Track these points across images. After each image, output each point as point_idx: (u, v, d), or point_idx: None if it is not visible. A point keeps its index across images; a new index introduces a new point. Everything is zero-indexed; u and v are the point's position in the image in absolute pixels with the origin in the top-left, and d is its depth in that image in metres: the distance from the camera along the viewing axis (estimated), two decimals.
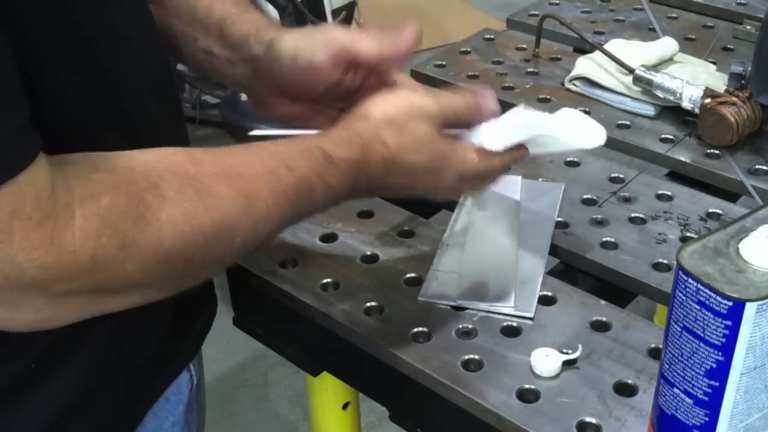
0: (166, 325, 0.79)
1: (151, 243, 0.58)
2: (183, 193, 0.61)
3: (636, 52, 1.26)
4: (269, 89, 0.87)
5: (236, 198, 0.64)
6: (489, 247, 0.96)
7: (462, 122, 0.80)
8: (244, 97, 1.93)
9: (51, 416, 0.70)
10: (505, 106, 1.27)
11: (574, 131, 0.85)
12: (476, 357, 0.82)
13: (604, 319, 0.86)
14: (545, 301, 0.89)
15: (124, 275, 0.58)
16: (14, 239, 0.52)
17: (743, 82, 1.12)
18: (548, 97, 1.26)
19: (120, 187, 0.57)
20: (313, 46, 0.82)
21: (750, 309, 0.58)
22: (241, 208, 0.64)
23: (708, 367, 0.62)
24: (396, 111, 0.76)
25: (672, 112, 1.20)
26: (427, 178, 0.77)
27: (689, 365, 0.63)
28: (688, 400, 0.65)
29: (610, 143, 1.17)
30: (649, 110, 1.21)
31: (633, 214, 1.01)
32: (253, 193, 0.65)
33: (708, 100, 1.12)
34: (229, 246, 0.65)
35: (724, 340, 0.60)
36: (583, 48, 1.38)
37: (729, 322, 0.59)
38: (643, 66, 1.20)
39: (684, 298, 0.61)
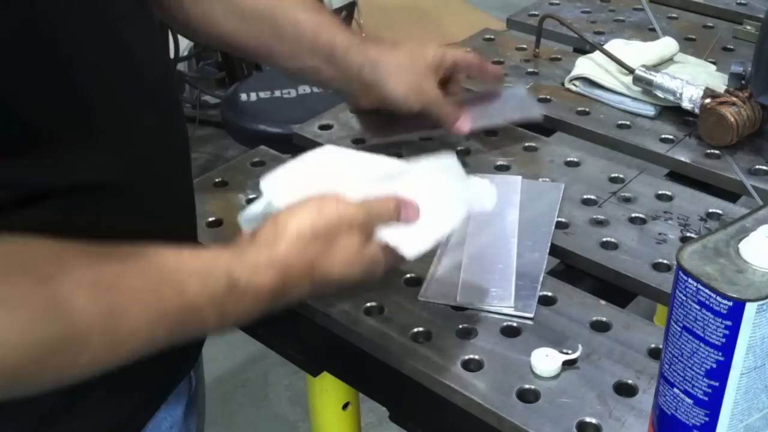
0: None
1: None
2: (25, 298, 0.54)
3: (636, 52, 1.26)
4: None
5: (95, 312, 0.56)
6: (489, 247, 0.96)
7: (384, 225, 0.74)
8: (244, 97, 1.92)
9: (41, 422, 0.69)
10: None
11: (474, 202, 0.84)
12: (476, 357, 0.82)
13: (604, 319, 0.86)
14: (545, 301, 0.89)
15: None
16: None
17: (743, 82, 1.12)
18: (548, 97, 1.26)
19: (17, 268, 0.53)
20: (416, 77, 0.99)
21: (750, 309, 0.58)
22: (98, 324, 0.57)
23: (708, 367, 0.62)
24: (322, 224, 0.69)
25: (672, 112, 1.20)
26: (355, 283, 0.73)
27: (689, 365, 0.63)
28: (688, 400, 0.65)
29: (610, 143, 1.18)
30: (649, 110, 1.21)
31: (633, 214, 1.01)
32: (122, 310, 0.58)
33: (708, 100, 1.12)
34: (70, 364, 0.57)
35: (724, 340, 0.60)
36: (583, 48, 1.38)
37: (729, 322, 0.59)
38: (643, 66, 1.20)
39: (684, 298, 0.61)
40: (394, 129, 1.10)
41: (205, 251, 0.67)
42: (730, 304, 0.59)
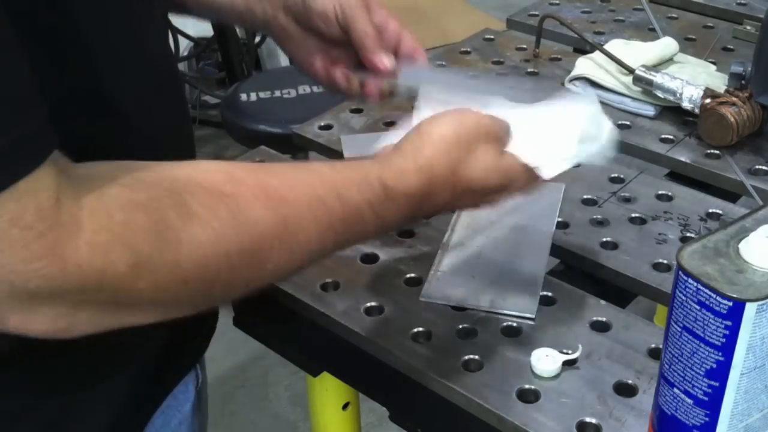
0: (173, 325, 0.79)
1: (167, 263, 0.55)
2: (213, 211, 0.57)
3: (636, 52, 1.26)
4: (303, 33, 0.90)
5: (274, 223, 0.60)
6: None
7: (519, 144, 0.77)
8: (244, 97, 1.92)
9: (58, 411, 0.70)
10: None
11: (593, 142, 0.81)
12: (476, 357, 0.82)
13: (604, 319, 0.86)
14: (545, 301, 0.89)
15: (135, 293, 0.55)
16: (14, 248, 0.50)
17: (743, 82, 1.12)
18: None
19: (139, 202, 0.55)
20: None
21: (750, 309, 0.58)
22: (278, 234, 0.61)
23: (708, 368, 0.62)
24: (463, 131, 0.72)
25: (672, 112, 1.20)
26: (493, 197, 0.76)
27: (689, 365, 0.63)
28: (688, 401, 0.65)
29: None
30: (649, 110, 1.21)
31: (633, 214, 1.01)
32: (295, 221, 0.62)
33: (708, 101, 1.12)
34: (258, 272, 0.62)
35: (724, 340, 0.60)
36: (583, 48, 1.38)
37: (729, 322, 0.59)
38: (643, 66, 1.20)
39: (684, 298, 0.61)
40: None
41: (355, 162, 0.71)
42: (730, 304, 0.59)
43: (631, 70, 1.21)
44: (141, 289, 0.55)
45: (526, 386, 0.79)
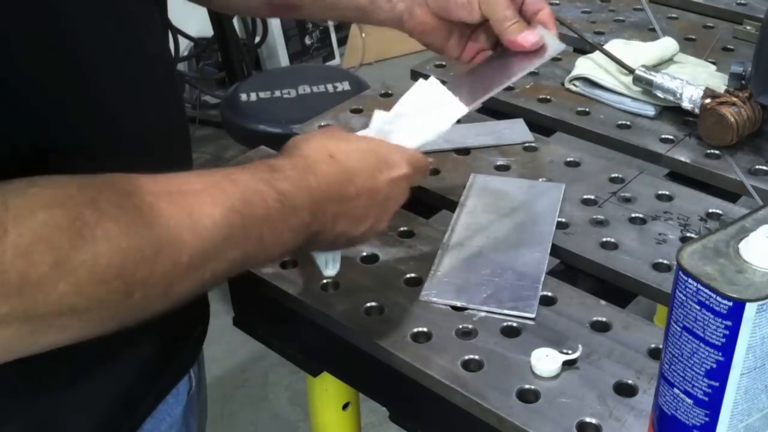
0: (163, 332, 0.79)
1: (86, 260, 0.54)
2: (121, 207, 0.57)
3: (636, 52, 1.26)
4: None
5: (178, 214, 0.60)
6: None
7: None
8: (244, 97, 1.92)
9: (45, 418, 0.70)
10: (505, 107, 1.28)
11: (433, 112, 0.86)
12: (476, 357, 0.82)
13: (604, 319, 0.86)
14: (545, 301, 0.89)
15: (56, 297, 0.54)
16: None
17: (743, 82, 1.13)
18: (548, 97, 1.26)
19: (57, 199, 0.54)
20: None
21: (750, 309, 0.58)
22: (185, 224, 0.60)
23: (708, 368, 0.62)
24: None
25: (672, 112, 1.20)
26: (383, 178, 0.77)
27: (689, 365, 0.63)
28: (688, 401, 0.65)
29: (611, 143, 1.18)
30: (649, 110, 1.21)
31: (633, 214, 1.01)
32: (197, 209, 0.62)
33: (708, 101, 1.12)
34: (173, 264, 0.60)
35: (724, 340, 0.60)
36: (583, 48, 1.38)
37: (729, 323, 0.59)
38: (643, 66, 1.20)
39: (684, 298, 0.61)
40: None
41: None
42: (730, 304, 0.59)
43: (631, 70, 1.21)
44: (62, 292, 0.54)
45: (526, 386, 0.79)
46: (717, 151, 1.12)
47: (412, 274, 0.93)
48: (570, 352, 0.81)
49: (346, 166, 0.74)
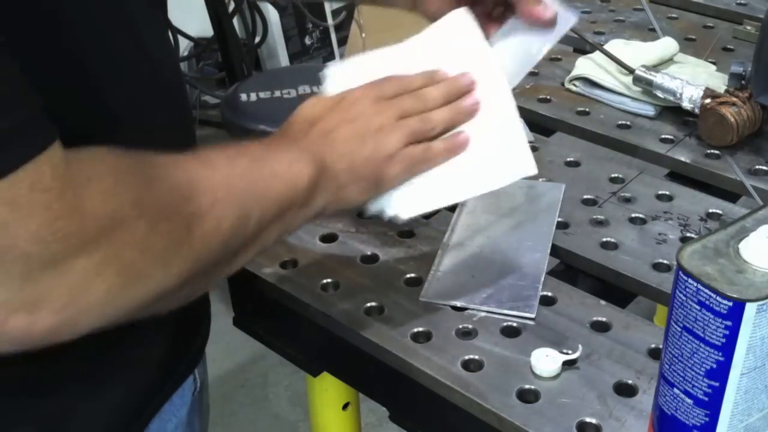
0: (169, 332, 0.79)
1: (157, 196, 0.59)
2: (174, 158, 0.63)
3: (636, 52, 1.26)
4: None
5: (233, 217, 0.65)
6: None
7: None
8: (244, 97, 1.92)
9: (57, 419, 0.70)
10: None
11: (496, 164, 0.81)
12: (476, 357, 0.82)
13: (604, 319, 0.86)
14: (545, 301, 0.89)
15: (138, 236, 0.57)
16: (36, 212, 0.51)
17: (743, 82, 1.13)
18: (548, 97, 1.26)
19: (117, 150, 0.59)
20: None
21: (750, 309, 0.58)
22: (238, 229, 0.66)
23: (708, 368, 0.62)
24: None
25: (672, 112, 1.20)
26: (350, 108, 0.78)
27: (689, 365, 0.63)
28: (688, 401, 0.65)
29: (611, 143, 1.18)
30: (649, 110, 1.21)
31: (633, 215, 1.01)
32: (248, 208, 0.67)
33: (708, 101, 1.12)
34: (245, 217, 0.66)
35: (724, 340, 0.60)
36: (583, 48, 1.38)
37: (729, 323, 0.59)
38: (643, 66, 1.20)
39: (684, 298, 0.61)
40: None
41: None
42: (730, 304, 0.59)
43: (631, 70, 1.21)
44: (141, 229, 0.58)
45: (526, 386, 0.79)
46: (717, 151, 1.12)
47: (412, 274, 0.93)
48: (570, 352, 0.81)
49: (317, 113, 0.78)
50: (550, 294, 0.90)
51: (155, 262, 0.60)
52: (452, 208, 1.03)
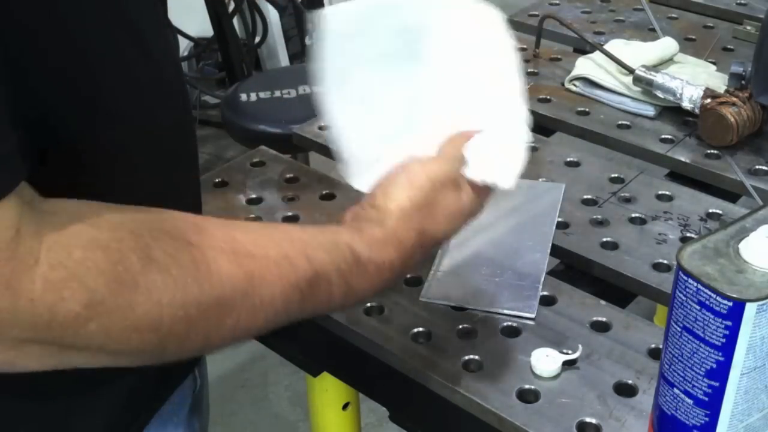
0: None
1: (120, 306, 0.53)
2: (175, 259, 0.55)
3: (636, 52, 1.26)
4: None
5: (238, 277, 0.58)
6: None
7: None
8: (244, 97, 1.92)
9: (56, 420, 0.70)
10: None
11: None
12: (476, 357, 0.82)
13: (604, 319, 0.86)
14: (545, 301, 0.89)
15: (85, 336, 0.53)
16: None
17: (743, 82, 1.13)
18: (548, 97, 1.26)
19: (101, 242, 0.53)
20: None
21: (750, 309, 0.58)
22: (241, 289, 0.59)
23: (708, 368, 0.62)
24: (420, 194, 0.71)
25: (672, 112, 1.20)
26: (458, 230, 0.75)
27: (689, 365, 0.63)
28: (688, 401, 0.65)
29: (611, 143, 1.18)
30: (649, 110, 1.21)
31: (633, 215, 1.01)
32: (260, 277, 0.60)
33: (708, 101, 1.12)
34: (217, 328, 0.58)
35: (724, 340, 0.60)
36: (583, 48, 1.38)
37: (729, 323, 0.59)
38: (643, 66, 1.20)
39: (684, 298, 0.61)
40: None
41: (326, 227, 0.69)
42: (730, 304, 0.59)
43: (631, 70, 1.21)
44: (91, 332, 0.53)
45: (526, 386, 0.79)
46: (717, 151, 1.12)
47: (412, 274, 0.92)
48: (570, 352, 0.81)
49: (437, 239, 0.72)
50: (550, 294, 0.90)
51: (105, 355, 0.56)
52: None
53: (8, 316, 0.50)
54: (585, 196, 1.05)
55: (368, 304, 0.89)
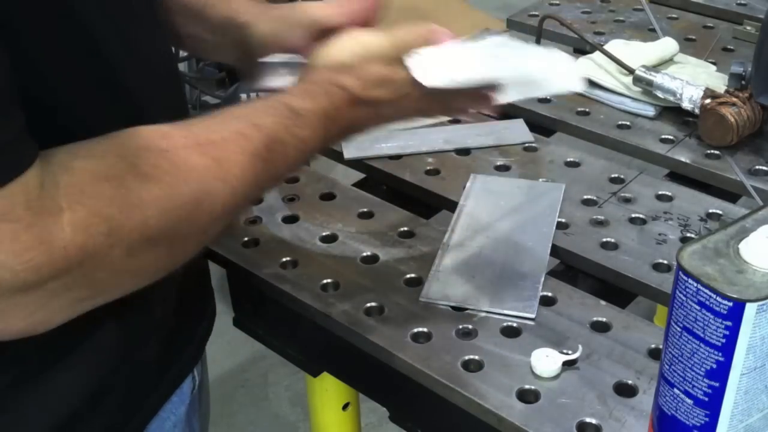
0: (167, 332, 0.79)
1: (136, 225, 0.58)
2: (159, 168, 0.60)
3: (636, 52, 1.26)
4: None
5: (210, 165, 0.63)
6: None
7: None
8: (244, 97, 1.92)
9: (51, 421, 0.70)
10: (505, 107, 1.27)
11: (549, 73, 0.80)
12: (476, 357, 0.82)
13: (604, 319, 0.86)
14: (545, 301, 0.89)
15: (110, 263, 0.57)
16: (5, 243, 0.51)
17: (743, 82, 1.13)
18: (548, 97, 1.26)
19: (101, 172, 0.57)
20: (289, 29, 0.86)
21: (750, 309, 0.58)
22: (217, 174, 0.64)
23: (708, 368, 0.62)
24: (347, 55, 0.77)
25: (672, 112, 1.20)
26: (389, 109, 0.77)
27: (689, 366, 0.63)
28: (689, 401, 0.65)
29: (611, 143, 1.18)
30: (649, 111, 1.21)
31: (633, 215, 1.01)
32: (225, 158, 0.65)
33: (708, 101, 1.12)
34: (210, 215, 0.64)
35: (724, 340, 0.60)
36: (583, 48, 1.38)
37: (729, 323, 0.59)
38: (643, 66, 1.20)
39: (684, 298, 0.61)
40: None
41: (259, 99, 0.74)
42: (730, 304, 0.59)
43: (631, 71, 1.21)
44: (115, 256, 0.57)
45: (526, 386, 0.79)
46: (717, 152, 1.12)
47: (412, 274, 0.92)
48: (570, 352, 0.81)
49: (364, 103, 0.75)
50: (550, 294, 0.90)
51: (132, 279, 0.62)
52: (452, 208, 1.03)
53: (47, 269, 0.53)
54: (585, 196, 1.05)
55: (368, 305, 0.89)
